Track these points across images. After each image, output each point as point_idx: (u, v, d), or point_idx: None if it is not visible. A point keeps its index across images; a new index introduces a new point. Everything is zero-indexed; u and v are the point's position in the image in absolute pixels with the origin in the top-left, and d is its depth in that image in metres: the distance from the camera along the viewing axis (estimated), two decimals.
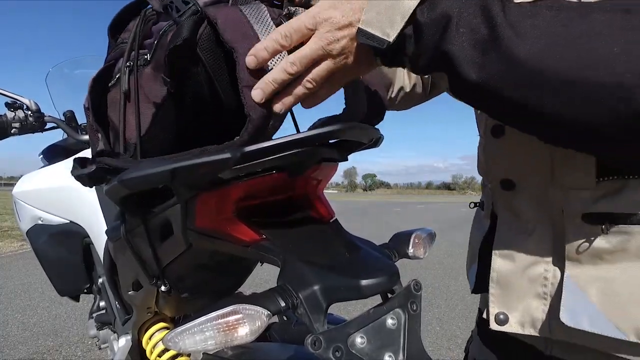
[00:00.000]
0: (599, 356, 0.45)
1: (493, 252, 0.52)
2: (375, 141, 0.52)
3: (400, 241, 0.53)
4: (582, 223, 0.44)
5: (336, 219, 0.53)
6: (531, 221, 0.49)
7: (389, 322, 0.43)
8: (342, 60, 0.37)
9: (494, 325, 0.51)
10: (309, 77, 0.38)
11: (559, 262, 0.46)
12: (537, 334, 0.48)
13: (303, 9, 0.49)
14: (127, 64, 0.47)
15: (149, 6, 0.50)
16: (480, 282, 0.56)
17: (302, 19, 0.37)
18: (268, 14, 0.42)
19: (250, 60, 0.38)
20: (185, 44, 0.39)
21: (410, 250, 0.52)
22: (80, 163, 0.53)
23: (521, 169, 0.49)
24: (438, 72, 0.36)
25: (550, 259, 0.47)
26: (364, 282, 0.41)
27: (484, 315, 0.55)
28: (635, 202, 0.41)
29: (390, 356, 0.41)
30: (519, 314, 0.49)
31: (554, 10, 0.30)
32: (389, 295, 0.46)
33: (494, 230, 0.54)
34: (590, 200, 0.43)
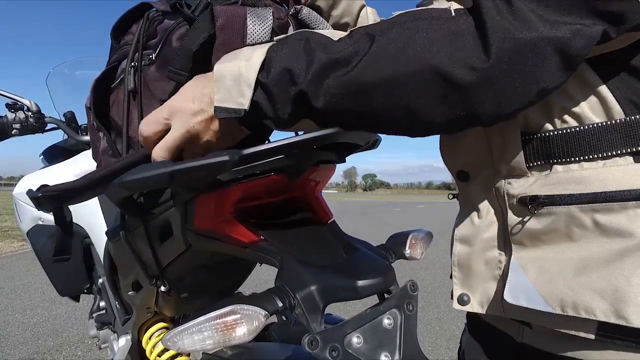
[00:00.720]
0: (555, 339, 0.47)
1: (454, 237, 0.54)
2: (372, 143, 0.52)
3: (397, 242, 0.53)
4: (518, 207, 0.47)
5: (334, 220, 0.53)
6: (483, 209, 0.52)
7: (386, 322, 0.44)
8: (211, 137, 0.44)
9: (456, 305, 0.54)
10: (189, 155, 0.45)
11: (508, 246, 0.49)
12: (493, 313, 0.51)
13: (309, 8, 0.50)
14: (132, 64, 0.48)
15: (153, 9, 0.51)
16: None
17: (157, 114, 0.44)
18: (270, 25, 0.43)
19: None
20: (208, 41, 0.40)
21: (407, 251, 0.52)
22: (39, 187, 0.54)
23: (471, 161, 0.53)
24: (300, 120, 0.42)
25: (501, 243, 0.50)
26: (360, 282, 0.42)
27: (451, 297, 0.57)
28: (558, 184, 0.44)
29: (386, 356, 0.42)
30: (479, 295, 0.52)
31: (363, 33, 0.39)
32: (386, 296, 0.46)
33: None
34: (524, 185, 0.47)
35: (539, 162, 0.46)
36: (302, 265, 0.42)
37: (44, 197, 0.47)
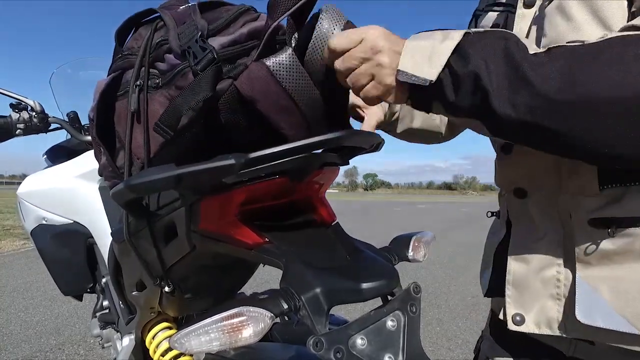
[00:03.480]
0: (616, 354, 0.47)
1: (508, 256, 0.54)
2: (376, 146, 0.53)
3: (400, 244, 0.54)
4: (589, 227, 0.47)
5: (337, 222, 0.54)
6: (542, 226, 0.51)
7: (389, 323, 0.44)
8: (381, 81, 0.44)
9: (511, 326, 0.53)
10: (352, 78, 0.44)
11: (570, 264, 0.49)
12: (552, 333, 0.51)
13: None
14: (137, 82, 0.47)
15: (157, 14, 0.51)
16: (494, 287, 0.59)
17: (358, 51, 0.43)
18: (301, 68, 0.42)
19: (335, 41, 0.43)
20: (206, 103, 0.40)
21: (410, 254, 0.53)
22: None
23: (532, 178, 0.53)
24: (472, 118, 0.42)
25: (561, 262, 0.50)
26: (364, 285, 0.42)
27: (500, 316, 0.57)
28: (635, 207, 0.44)
29: (390, 357, 0.42)
30: (534, 315, 0.52)
31: (567, 53, 0.37)
32: (389, 298, 0.47)
33: (508, 237, 0.57)
34: (596, 206, 0.47)
35: (614, 185, 0.46)
36: (306, 267, 0.43)
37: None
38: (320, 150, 0.46)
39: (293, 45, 0.43)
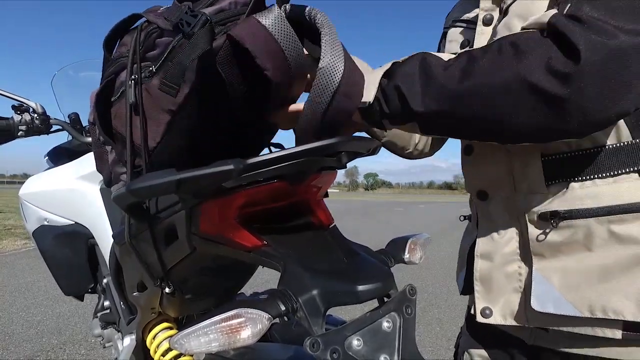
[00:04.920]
0: (565, 339, 0.52)
1: (475, 254, 0.58)
2: (373, 150, 0.54)
3: (396, 247, 0.55)
4: (539, 222, 0.52)
5: (335, 225, 0.55)
6: (503, 225, 0.57)
7: (385, 325, 0.45)
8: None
9: (480, 319, 0.57)
10: None
11: (528, 259, 0.53)
12: (517, 324, 0.55)
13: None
14: (133, 77, 0.48)
15: (143, 19, 0.51)
16: (467, 285, 0.63)
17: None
18: (287, 23, 0.44)
19: None
20: (203, 56, 0.41)
21: (406, 256, 0.54)
22: None
23: (491, 181, 0.58)
24: (408, 123, 0.49)
25: (521, 257, 0.55)
26: (361, 287, 0.43)
27: (472, 311, 0.61)
28: (576, 200, 0.49)
29: (385, 358, 0.43)
30: (500, 307, 0.56)
31: (466, 55, 0.45)
32: (385, 300, 0.48)
33: None
34: (544, 202, 0.52)
35: (557, 181, 0.51)
36: (304, 269, 0.43)
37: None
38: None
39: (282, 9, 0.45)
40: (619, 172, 0.48)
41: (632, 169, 0.48)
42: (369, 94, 0.48)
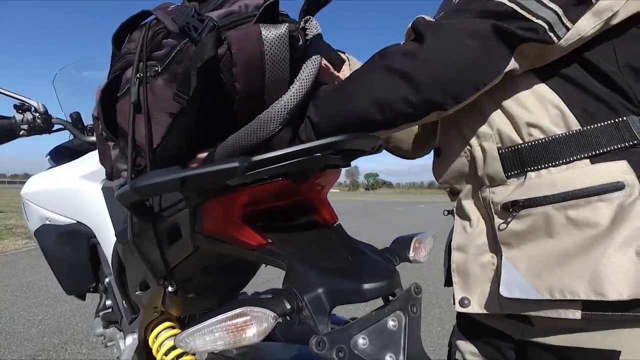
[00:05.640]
0: (550, 332, 0.53)
1: (451, 247, 0.61)
2: (377, 148, 0.53)
3: (401, 245, 0.54)
4: (502, 212, 0.54)
5: (339, 224, 0.54)
6: (474, 218, 0.58)
7: (390, 323, 0.45)
8: None
9: (458, 308, 0.59)
10: None
11: (498, 249, 0.55)
12: (492, 312, 0.56)
13: (316, 20, 0.51)
14: (137, 75, 0.48)
15: (152, 17, 0.51)
16: (448, 277, 0.65)
17: None
18: (287, 46, 0.43)
19: None
20: (208, 63, 0.41)
21: (411, 254, 0.54)
22: None
23: (458, 177, 0.60)
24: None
25: (492, 247, 0.57)
26: (366, 285, 0.43)
27: (452, 302, 0.62)
28: (533, 188, 0.51)
29: (391, 357, 0.43)
30: (477, 297, 0.58)
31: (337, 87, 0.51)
32: (390, 298, 0.47)
33: None
34: (505, 193, 0.54)
35: (515, 171, 0.53)
36: (309, 268, 0.43)
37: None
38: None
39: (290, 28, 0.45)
40: (571, 159, 0.50)
41: (582, 156, 0.49)
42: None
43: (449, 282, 0.66)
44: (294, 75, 0.47)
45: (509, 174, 0.54)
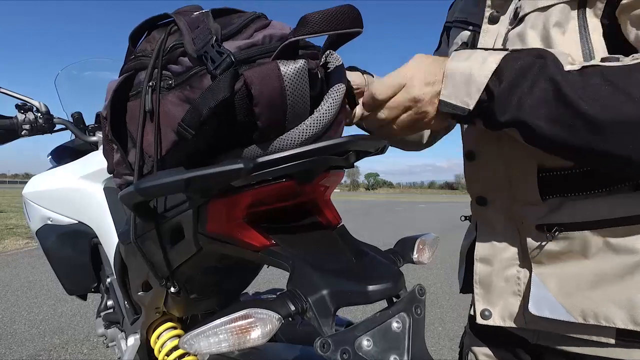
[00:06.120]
0: (567, 340, 0.52)
1: (475, 258, 0.59)
2: (382, 149, 0.53)
3: (404, 247, 0.54)
4: (536, 232, 0.53)
5: (343, 225, 0.54)
6: (502, 231, 0.57)
7: (394, 325, 0.45)
8: (427, 112, 0.48)
9: (480, 320, 0.58)
10: (397, 123, 0.50)
11: (527, 264, 0.54)
12: (515, 326, 0.56)
13: (337, 54, 0.50)
14: (150, 83, 0.48)
15: (172, 19, 0.51)
16: (466, 284, 0.64)
17: (393, 79, 0.48)
18: (306, 79, 0.42)
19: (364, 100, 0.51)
20: (221, 104, 0.40)
21: (415, 256, 0.53)
22: None
23: (490, 188, 0.59)
24: (510, 130, 0.45)
25: (519, 262, 0.56)
26: (371, 287, 0.43)
27: (472, 312, 0.62)
28: (572, 214, 0.50)
29: (395, 358, 0.43)
30: (499, 310, 0.57)
31: (599, 73, 0.40)
32: (394, 300, 0.47)
33: None
34: (540, 214, 0.53)
35: (553, 196, 0.52)
36: (313, 269, 0.43)
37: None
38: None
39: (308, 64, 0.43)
40: (614, 187, 0.48)
41: (626, 183, 0.48)
42: (467, 100, 0.44)
43: (466, 289, 0.65)
44: (315, 106, 0.45)
45: (547, 197, 0.52)
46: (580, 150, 0.41)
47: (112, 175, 0.57)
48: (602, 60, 0.42)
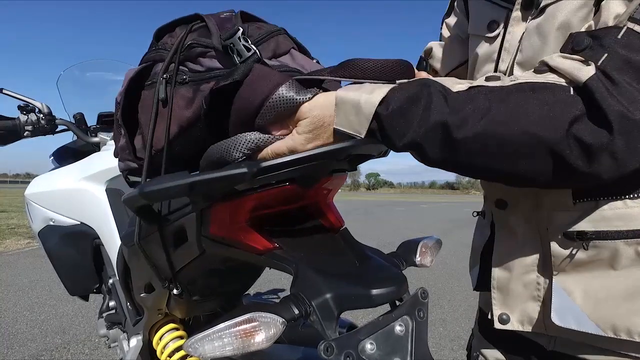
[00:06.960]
0: (588, 348, 0.51)
1: (492, 261, 0.58)
2: (384, 152, 0.53)
3: (407, 250, 0.54)
4: (563, 239, 0.51)
5: (346, 228, 0.54)
6: (522, 236, 0.55)
7: (397, 328, 0.45)
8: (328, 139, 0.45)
9: (497, 325, 0.57)
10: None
11: (548, 270, 0.53)
12: (534, 331, 0.55)
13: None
14: (164, 75, 0.49)
15: (197, 21, 0.52)
16: (482, 282, 0.63)
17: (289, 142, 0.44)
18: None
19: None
20: (230, 86, 0.41)
21: (418, 259, 0.53)
22: None
23: (512, 191, 0.56)
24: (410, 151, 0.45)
25: (540, 268, 0.54)
26: (374, 291, 0.43)
27: (489, 316, 0.60)
28: (605, 221, 0.48)
29: None
30: (518, 314, 0.56)
31: (482, 95, 0.41)
32: (397, 303, 0.47)
33: (493, 237, 0.60)
34: (569, 220, 0.50)
35: (586, 199, 0.49)
36: (317, 273, 0.43)
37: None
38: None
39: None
40: None
41: None
42: (359, 128, 0.43)
43: (480, 287, 0.63)
44: None
45: (578, 200, 0.50)
46: (470, 169, 0.43)
47: (116, 158, 0.58)
48: (487, 79, 0.43)
